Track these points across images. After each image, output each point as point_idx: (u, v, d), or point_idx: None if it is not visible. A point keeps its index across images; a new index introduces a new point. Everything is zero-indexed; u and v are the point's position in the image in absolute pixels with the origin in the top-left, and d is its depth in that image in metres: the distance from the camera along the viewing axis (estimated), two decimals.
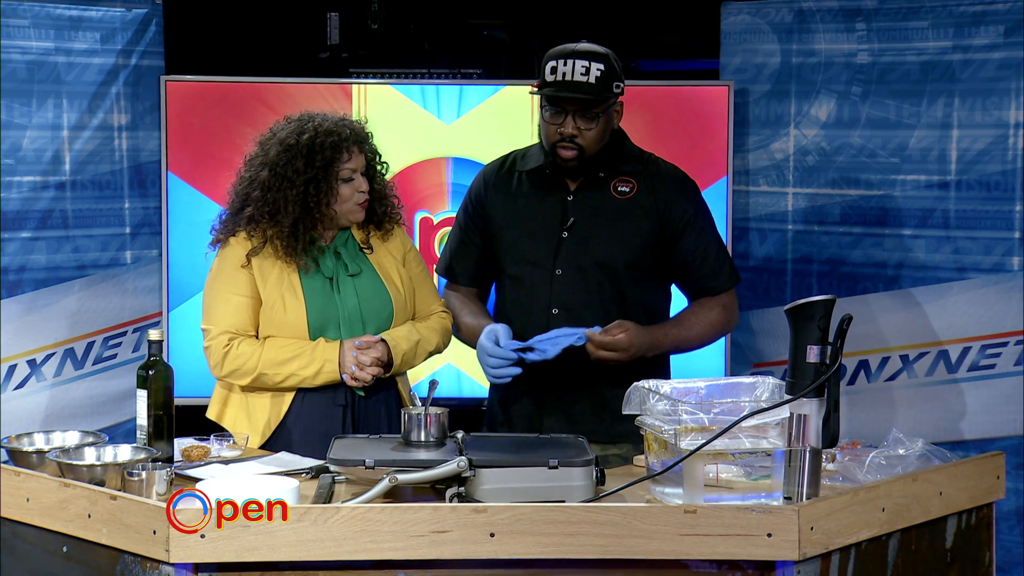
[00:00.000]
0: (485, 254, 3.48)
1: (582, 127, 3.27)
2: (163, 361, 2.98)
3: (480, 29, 5.42)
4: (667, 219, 3.36)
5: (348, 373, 3.25)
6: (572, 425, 3.26)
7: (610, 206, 3.36)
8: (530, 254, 3.38)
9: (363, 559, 2.41)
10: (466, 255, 3.51)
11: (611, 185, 3.37)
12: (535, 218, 3.39)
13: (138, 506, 2.47)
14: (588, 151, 3.30)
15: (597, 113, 3.27)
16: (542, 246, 3.37)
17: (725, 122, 4.42)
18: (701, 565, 2.45)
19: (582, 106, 3.26)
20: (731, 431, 2.56)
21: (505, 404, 3.45)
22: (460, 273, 3.53)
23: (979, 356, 4.12)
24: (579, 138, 3.28)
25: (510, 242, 3.41)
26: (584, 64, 3.25)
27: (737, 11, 4.49)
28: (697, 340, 3.44)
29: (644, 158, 3.43)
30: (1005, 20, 4.03)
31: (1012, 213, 4.05)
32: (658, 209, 3.35)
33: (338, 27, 5.13)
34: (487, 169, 3.53)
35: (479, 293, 3.55)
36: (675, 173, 3.44)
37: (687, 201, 3.39)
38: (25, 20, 4.24)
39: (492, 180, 3.48)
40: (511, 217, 3.42)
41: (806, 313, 2.49)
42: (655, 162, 3.44)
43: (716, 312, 3.42)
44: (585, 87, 3.24)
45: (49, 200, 4.31)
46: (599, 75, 3.25)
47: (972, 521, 2.78)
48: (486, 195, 3.47)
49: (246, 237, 3.31)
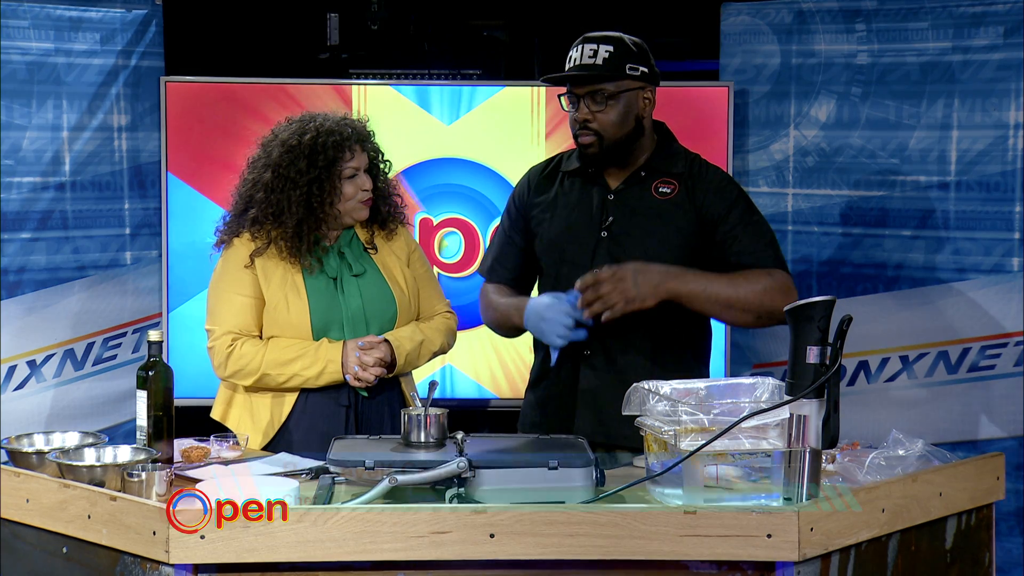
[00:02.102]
0: (527, 255, 3.45)
1: (594, 110, 3.24)
2: (163, 362, 2.98)
3: (480, 30, 5.42)
4: (704, 214, 3.27)
5: (351, 374, 3.26)
6: (603, 427, 3.23)
7: (650, 206, 3.31)
8: (569, 253, 3.34)
9: (363, 560, 2.41)
10: (508, 255, 3.47)
11: (653, 186, 3.31)
12: (576, 218, 3.35)
13: (138, 507, 2.47)
14: (606, 137, 3.25)
15: (607, 96, 3.23)
16: (581, 245, 3.32)
17: (725, 123, 4.43)
18: (701, 566, 2.45)
19: (587, 87, 3.23)
20: (731, 432, 2.56)
21: (541, 405, 3.41)
22: (502, 273, 3.48)
23: (979, 357, 4.12)
24: (593, 123, 3.24)
25: (551, 242, 3.37)
26: (592, 47, 3.24)
27: (737, 12, 4.49)
28: (732, 292, 3.18)
29: (690, 159, 3.37)
30: (1005, 21, 4.03)
31: (1012, 214, 4.05)
32: (696, 210, 3.28)
33: (338, 28, 5.13)
34: (532, 170, 3.50)
35: (518, 293, 3.50)
36: (718, 175, 3.36)
37: (727, 195, 3.30)
38: (25, 21, 4.24)
39: (535, 181, 3.46)
40: (553, 217, 3.38)
41: (806, 314, 2.48)
42: (701, 164, 3.37)
43: (759, 275, 3.22)
44: (587, 68, 3.22)
45: (49, 201, 4.31)
46: (607, 56, 3.22)
47: (972, 522, 2.78)
48: (529, 196, 3.44)
49: (250, 238, 3.32)
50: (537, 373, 3.43)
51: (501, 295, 3.44)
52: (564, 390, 3.33)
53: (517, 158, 4.47)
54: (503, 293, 3.44)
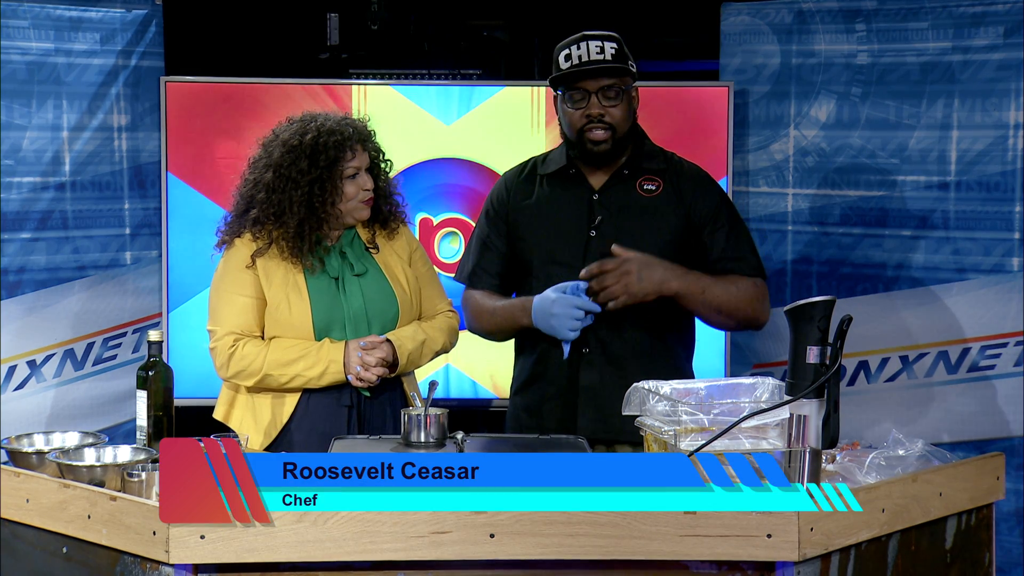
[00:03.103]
0: (508, 259, 3.46)
1: (607, 105, 3.27)
2: (163, 362, 2.99)
3: (480, 30, 5.42)
4: (693, 214, 3.34)
5: (353, 374, 3.25)
6: (606, 424, 3.25)
7: (637, 204, 3.35)
8: (559, 255, 3.36)
9: (363, 560, 2.42)
10: (489, 260, 3.48)
11: (637, 183, 3.37)
12: (562, 219, 3.37)
13: (138, 507, 2.47)
14: (619, 131, 3.30)
15: (620, 91, 3.28)
16: (571, 246, 3.35)
17: (725, 123, 4.43)
18: (701, 566, 2.45)
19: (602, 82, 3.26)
20: (731, 432, 2.56)
21: (534, 407, 3.40)
22: (486, 279, 3.49)
23: (979, 357, 4.12)
24: (607, 117, 3.28)
25: (538, 245, 3.39)
26: (598, 44, 3.27)
27: (737, 12, 4.49)
28: (725, 298, 3.28)
29: (667, 156, 3.43)
30: (1005, 21, 4.03)
31: (1012, 214, 4.05)
32: (685, 205, 3.34)
33: (338, 28, 5.13)
34: (507, 175, 3.52)
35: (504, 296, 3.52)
36: (698, 170, 3.44)
37: (713, 196, 3.39)
38: (25, 21, 4.24)
39: (514, 186, 3.47)
40: (538, 220, 3.40)
41: (806, 314, 2.49)
42: (678, 160, 3.44)
43: (747, 284, 3.33)
44: (604, 63, 3.26)
45: (49, 201, 4.31)
46: (614, 52, 3.27)
47: (972, 522, 2.78)
48: (509, 201, 3.45)
49: (251, 239, 3.32)
50: (526, 376, 3.43)
51: (494, 299, 3.45)
52: (563, 389, 3.34)
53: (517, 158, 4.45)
54: (494, 298, 3.46)
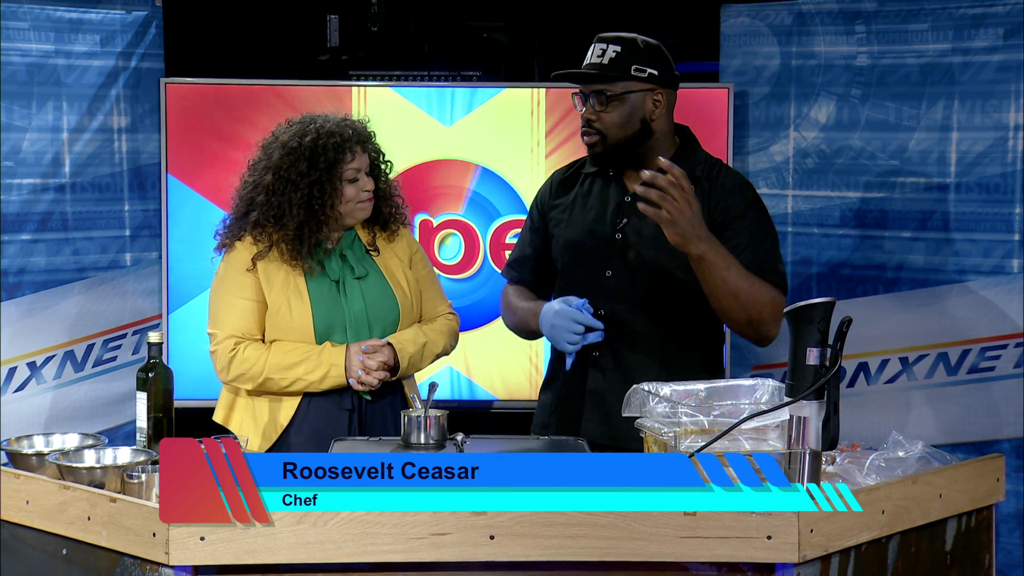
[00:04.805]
0: (542, 257, 3.46)
1: (598, 110, 3.24)
2: (163, 363, 2.99)
3: (480, 31, 5.42)
4: (715, 218, 3.23)
5: (355, 377, 3.25)
6: (610, 428, 3.23)
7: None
8: (585, 255, 3.34)
9: (363, 562, 2.42)
10: (524, 257, 3.49)
11: None
12: (593, 219, 3.35)
13: (138, 508, 2.47)
14: (609, 137, 3.25)
15: (611, 96, 3.22)
16: (596, 247, 3.32)
17: (725, 124, 4.42)
18: (701, 568, 2.45)
19: (592, 87, 3.23)
20: (731, 433, 2.56)
21: (552, 407, 3.40)
22: (516, 274, 3.51)
23: (979, 358, 4.12)
24: (597, 122, 3.24)
25: (568, 242, 3.37)
26: (602, 47, 3.25)
27: (737, 13, 4.49)
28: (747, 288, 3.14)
29: (710, 164, 3.34)
30: (1004, 22, 4.03)
31: (1012, 215, 4.05)
32: (710, 213, 3.22)
33: (338, 29, 5.13)
34: (555, 173, 3.51)
35: (538, 295, 3.50)
36: (735, 179, 3.33)
37: (738, 202, 3.27)
38: (25, 22, 4.24)
39: (557, 183, 3.46)
40: (571, 218, 3.38)
41: (806, 315, 2.48)
42: (720, 168, 3.34)
43: (769, 289, 3.20)
44: (594, 67, 3.23)
45: (49, 202, 4.31)
46: (613, 56, 3.22)
47: (972, 523, 2.78)
48: (550, 198, 3.45)
49: (252, 241, 3.31)
50: (549, 375, 3.44)
51: (520, 298, 3.46)
52: (573, 391, 3.34)
53: (517, 159, 4.47)
54: (523, 296, 3.47)
